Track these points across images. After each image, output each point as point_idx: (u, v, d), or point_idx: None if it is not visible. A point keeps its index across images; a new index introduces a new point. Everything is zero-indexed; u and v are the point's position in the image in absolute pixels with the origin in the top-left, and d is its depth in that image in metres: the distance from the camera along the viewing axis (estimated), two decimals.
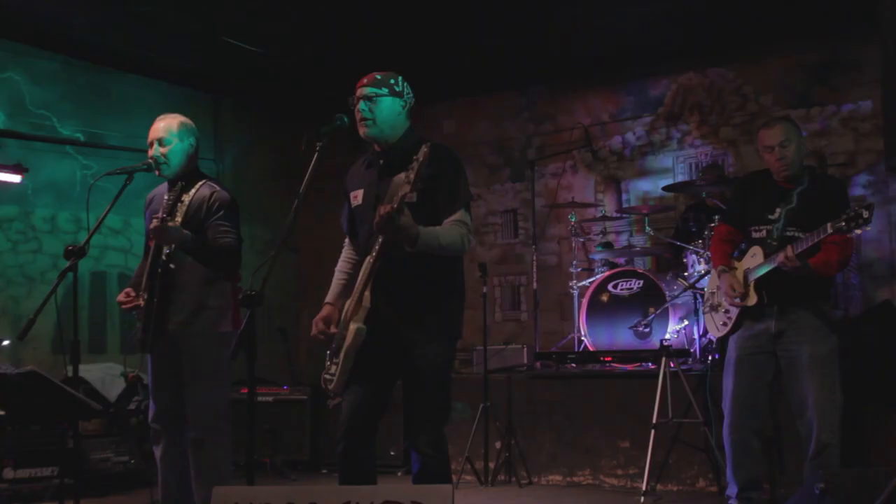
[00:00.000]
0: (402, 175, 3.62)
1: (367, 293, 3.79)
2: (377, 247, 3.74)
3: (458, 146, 3.77)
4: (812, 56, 8.04)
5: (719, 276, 5.04)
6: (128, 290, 4.63)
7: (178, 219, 4.55)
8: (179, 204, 4.60)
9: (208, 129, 9.03)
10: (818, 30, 7.80)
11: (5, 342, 7.38)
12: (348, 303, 3.95)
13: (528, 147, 9.34)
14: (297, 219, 3.68)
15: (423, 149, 3.55)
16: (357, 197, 4.04)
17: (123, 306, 4.61)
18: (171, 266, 4.53)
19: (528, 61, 8.61)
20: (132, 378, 7.00)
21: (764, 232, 4.91)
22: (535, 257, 8.11)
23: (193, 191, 4.62)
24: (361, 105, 3.90)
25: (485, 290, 7.12)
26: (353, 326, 3.80)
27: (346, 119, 3.82)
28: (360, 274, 3.86)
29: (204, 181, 4.68)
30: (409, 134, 3.99)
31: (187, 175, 4.68)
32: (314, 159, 3.72)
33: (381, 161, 3.97)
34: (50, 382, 4.35)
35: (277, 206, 8.67)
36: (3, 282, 7.76)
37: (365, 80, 3.94)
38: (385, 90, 3.91)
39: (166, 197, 4.66)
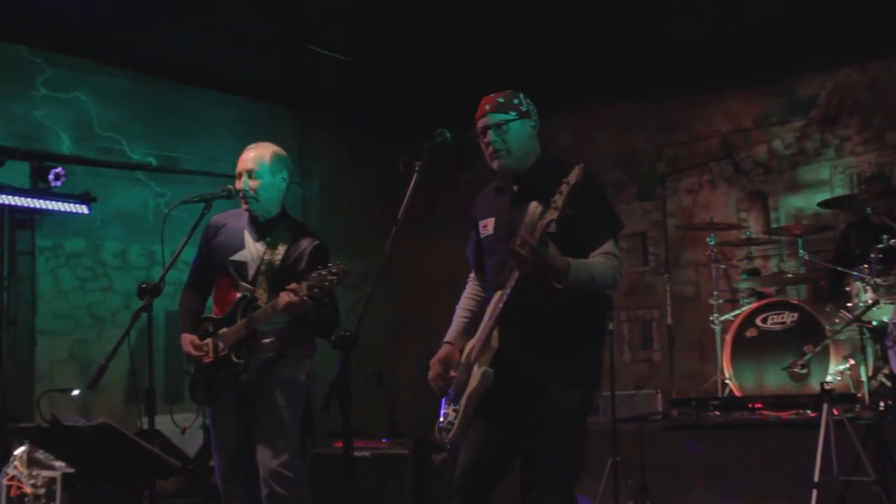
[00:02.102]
0: (535, 203, 3.62)
1: (495, 333, 3.79)
2: (511, 282, 3.72)
3: (577, 162, 3.73)
4: None
5: None
6: (193, 339, 4.70)
7: (273, 270, 4.65)
8: (275, 255, 4.69)
9: (293, 149, 9.09)
10: None
11: (74, 392, 7.59)
12: (471, 343, 3.96)
13: (658, 160, 9.28)
14: (395, 249, 3.70)
15: (576, 170, 3.49)
16: (487, 226, 4.06)
17: (205, 360, 4.66)
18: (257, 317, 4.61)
19: (656, 61, 8.55)
20: (183, 430, 7.11)
21: None
22: (668, 288, 8.02)
23: (290, 238, 4.70)
24: (492, 136, 3.91)
25: (611, 326, 7.05)
26: (479, 370, 3.80)
27: (448, 135, 3.83)
28: (489, 311, 3.86)
29: (298, 229, 4.79)
30: (544, 156, 4.01)
31: (274, 219, 4.77)
32: (413, 181, 3.74)
33: (515, 187, 3.98)
34: (123, 436, 4.44)
35: (372, 234, 8.70)
36: (71, 324, 8.01)
37: (487, 107, 3.94)
38: (512, 114, 3.92)
39: (254, 244, 4.73)
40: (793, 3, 7.43)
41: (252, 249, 4.73)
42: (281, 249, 4.68)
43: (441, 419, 3.97)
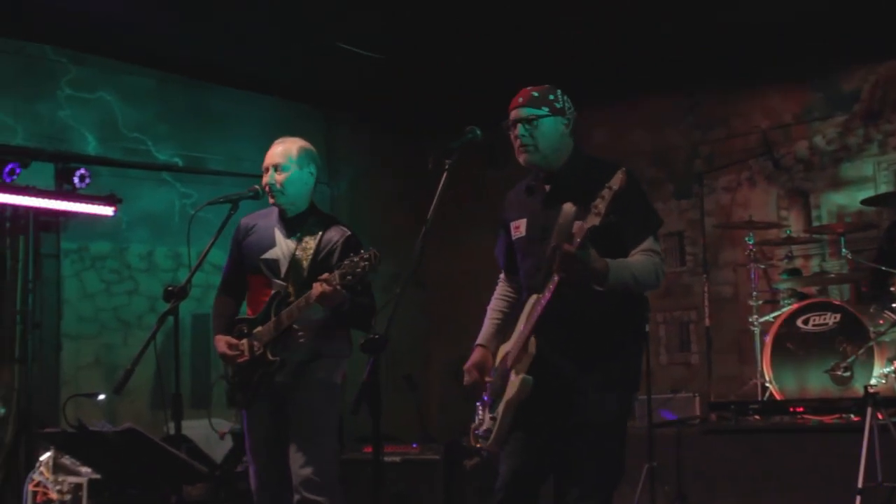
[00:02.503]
0: (569, 204, 3.61)
1: (532, 339, 3.79)
2: (551, 286, 3.68)
3: (611, 159, 3.73)
4: None
5: None
6: (228, 340, 4.75)
7: (305, 264, 4.66)
8: (304, 251, 4.70)
9: (320, 149, 9.00)
10: None
11: (100, 396, 7.64)
12: (505, 347, 3.96)
13: (695, 157, 9.24)
14: (424, 250, 3.71)
15: (619, 175, 3.44)
16: (519, 228, 4.05)
17: (239, 360, 4.71)
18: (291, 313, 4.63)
19: (692, 54, 8.51)
20: (222, 436, 7.14)
21: None
22: (706, 288, 7.98)
23: (320, 233, 4.72)
24: (520, 129, 3.90)
25: (647, 328, 7.03)
26: (518, 377, 3.78)
27: (478, 132, 3.83)
28: (524, 316, 3.86)
29: (328, 222, 4.79)
30: (577, 154, 3.99)
31: (303, 214, 4.78)
32: (443, 180, 3.74)
33: (547, 187, 3.98)
34: (149, 441, 4.48)
35: (401, 234, 8.75)
36: (97, 327, 8.07)
37: (520, 100, 3.93)
38: (545, 109, 3.91)
39: (285, 240, 4.75)
40: None
41: (283, 246, 4.75)
42: (311, 243, 4.69)
43: (477, 425, 3.98)
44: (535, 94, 3.93)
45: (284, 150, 4.76)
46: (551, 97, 3.94)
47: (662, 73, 8.92)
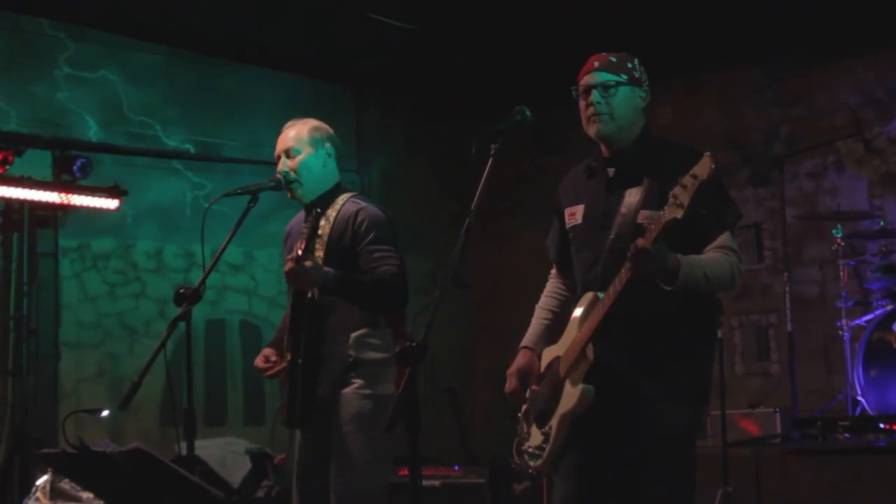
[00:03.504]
0: (633, 190, 3.61)
1: (591, 344, 3.77)
2: (618, 284, 3.66)
3: (679, 141, 3.69)
4: None
5: None
6: (266, 351, 4.77)
7: (320, 252, 4.65)
8: (319, 232, 4.70)
9: (349, 132, 9.24)
10: None
11: (104, 412, 7.68)
12: (549, 350, 3.96)
13: (774, 139, 9.22)
14: (467, 245, 3.69)
15: (706, 159, 3.39)
16: (575, 214, 4.03)
17: (265, 374, 4.75)
18: (319, 314, 4.63)
19: (769, 23, 8.46)
20: (280, 461, 7.17)
21: None
22: (787, 288, 7.93)
23: (333, 212, 4.71)
24: (596, 96, 3.87)
25: (720, 333, 7.01)
26: (576, 388, 3.76)
27: (528, 113, 3.81)
28: (580, 317, 3.84)
29: (346, 197, 4.76)
30: (647, 134, 3.97)
31: (327, 194, 4.77)
32: (488, 167, 3.72)
33: (610, 169, 3.95)
34: (159, 463, 4.49)
35: (441, 229, 8.77)
36: (100, 335, 8.13)
37: (596, 63, 3.91)
38: (624, 76, 3.89)
39: (304, 226, 4.77)
40: None
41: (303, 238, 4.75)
42: (327, 228, 4.69)
43: (524, 442, 3.97)
44: (614, 59, 3.92)
45: (295, 133, 4.75)
46: (630, 65, 3.93)
47: (735, 42, 8.86)
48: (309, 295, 4.64)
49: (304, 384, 4.61)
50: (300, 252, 4.55)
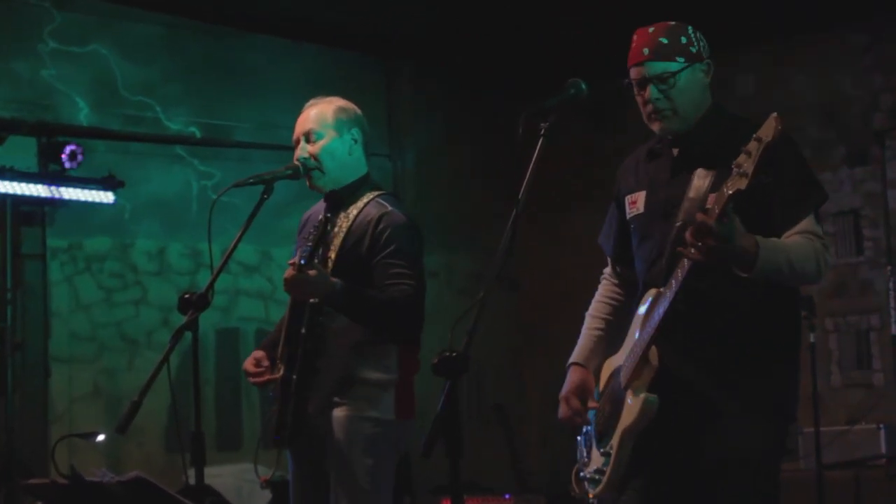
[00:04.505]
0: (702, 171, 3.61)
1: (654, 348, 3.74)
2: (679, 274, 3.63)
3: (764, 115, 3.64)
4: None
5: None
6: (258, 353, 4.76)
7: (332, 254, 4.65)
8: (335, 231, 4.69)
9: (379, 112, 9.24)
10: None
11: (100, 437, 7.71)
12: (611, 361, 3.95)
13: (874, 111, 9.18)
14: (515, 239, 3.67)
15: (770, 121, 3.33)
16: (636, 202, 4.01)
17: (252, 379, 4.75)
18: (321, 323, 4.63)
19: None
20: (264, 482, 7.18)
21: None
22: (891, 285, 7.91)
23: (355, 210, 4.70)
24: (652, 92, 3.83)
25: (812, 338, 6.98)
26: (637, 398, 3.73)
27: (583, 86, 3.77)
28: (641, 318, 3.80)
29: (372, 196, 4.75)
30: (716, 109, 3.94)
31: (351, 187, 4.77)
32: (538, 149, 3.69)
33: (675, 150, 3.93)
34: (163, 494, 4.51)
35: (484, 221, 8.76)
36: (95, 348, 8.16)
37: (645, 51, 3.84)
38: (680, 60, 3.82)
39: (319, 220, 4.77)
40: None
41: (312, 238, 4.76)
42: (345, 225, 4.69)
43: (583, 466, 3.95)
44: (664, 39, 3.84)
45: (318, 113, 4.74)
46: (684, 40, 3.86)
47: (830, 3, 8.81)
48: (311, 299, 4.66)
49: (296, 401, 4.63)
50: (302, 259, 4.52)
